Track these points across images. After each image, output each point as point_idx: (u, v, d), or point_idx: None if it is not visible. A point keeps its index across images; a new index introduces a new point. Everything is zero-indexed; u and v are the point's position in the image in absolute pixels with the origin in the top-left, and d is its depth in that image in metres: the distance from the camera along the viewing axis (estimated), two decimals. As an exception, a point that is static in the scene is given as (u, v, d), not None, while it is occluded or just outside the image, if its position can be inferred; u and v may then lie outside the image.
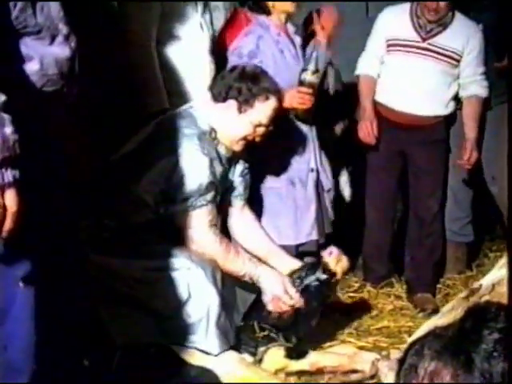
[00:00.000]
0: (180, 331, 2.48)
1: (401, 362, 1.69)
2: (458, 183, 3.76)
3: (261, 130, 2.73)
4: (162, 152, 2.58)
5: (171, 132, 2.61)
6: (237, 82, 2.70)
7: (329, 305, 3.29)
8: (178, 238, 2.62)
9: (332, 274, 2.77)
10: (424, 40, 3.40)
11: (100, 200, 2.65)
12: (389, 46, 3.45)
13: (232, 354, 2.50)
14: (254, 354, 2.58)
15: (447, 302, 3.03)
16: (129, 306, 2.51)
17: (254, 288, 2.70)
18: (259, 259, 2.76)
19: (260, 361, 2.56)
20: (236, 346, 2.57)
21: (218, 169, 2.66)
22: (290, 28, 3.32)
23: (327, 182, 3.31)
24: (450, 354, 1.57)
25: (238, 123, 2.69)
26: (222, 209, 2.77)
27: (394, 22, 3.46)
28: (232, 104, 2.68)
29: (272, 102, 2.72)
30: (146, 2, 2.99)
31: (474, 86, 3.46)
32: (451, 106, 3.52)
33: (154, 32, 2.98)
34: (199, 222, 2.58)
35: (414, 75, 3.41)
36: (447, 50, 3.39)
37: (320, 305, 2.79)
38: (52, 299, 1.45)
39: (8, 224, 1.28)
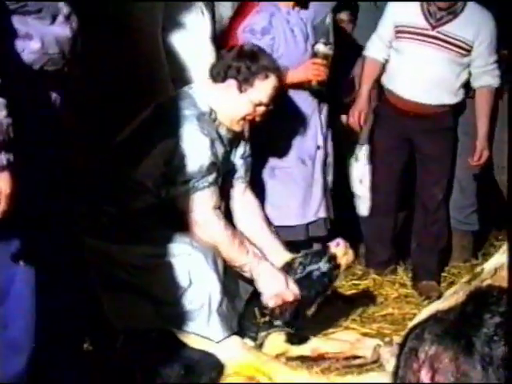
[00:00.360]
0: (181, 317, 2.46)
1: (401, 346, 1.69)
2: (464, 172, 3.72)
3: (261, 109, 2.70)
4: (161, 134, 2.55)
5: (170, 114, 2.59)
6: (235, 61, 2.67)
7: (332, 292, 3.31)
8: (178, 223, 2.59)
9: (336, 266, 2.75)
10: (433, 28, 3.34)
11: (99, 186, 2.63)
12: (397, 32, 3.41)
13: (234, 338, 2.49)
14: (254, 339, 2.58)
15: (452, 290, 3.02)
16: (128, 292, 2.49)
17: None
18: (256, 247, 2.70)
19: (261, 345, 2.55)
20: (237, 331, 2.56)
21: (220, 150, 2.63)
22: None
23: (330, 158, 3.34)
24: (450, 338, 1.58)
25: (238, 103, 2.67)
26: (224, 193, 2.73)
27: (403, 8, 3.41)
28: (232, 83, 2.65)
29: (272, 81, 2.68)
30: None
31: (486, 76, 3.41)
32: (459, 95, 3.47)
33: (160, 19, 2.98)
34: (202, 204, 2.54)
35: (421, 63, 3.37)
36: (457, 40, 3.32)
37: (319, 294, 2.76)
38: (50, 281, 1.45)
39: (2, 206, 1.29)
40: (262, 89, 2.67)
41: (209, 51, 3.02)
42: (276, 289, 2.59)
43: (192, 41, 3.01)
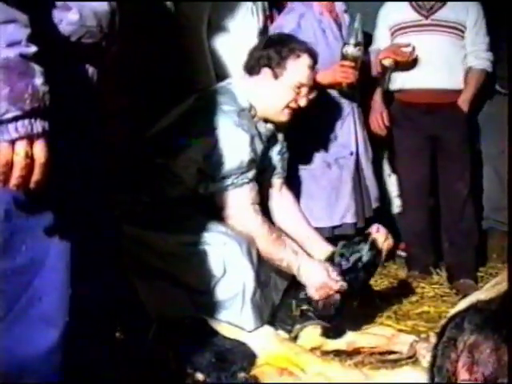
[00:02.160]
0: (214, 306, 2.45)
1: (439, 335, 1.65)
2: (507, 171, 3.65)
3: (303, 92, 2.68)
4: (200, 129, 2.53)
5: (210, 109, 2.57)
6: (265, 50, 2.66)
7: (368, 289, 3.27)
8: (213, 211, 2.59)
9: (379, 251, 2.70)
10: (427, 17, 3.46)
11: (136, 175, 2.62)
12: (394, 32, 3.51)
13: (267, 328, 2.47)
14: (289, 332, 2.55)
15: (491, 290, 2.96)
16: (163, 279, 2.49)
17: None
18: (296, 242, 2.69)
19: (295, 338, 2.52)
20: (272, 323, 2.54)
21: (259, 146, 2.62)
22: (339, 6, 3.28)
23: (367, 163, 3.29)
24: (491, 328, 1.53)
25: (277, 90, 2.65)
26: (261, 189, 2.71)
27: (393, 11, 3.54)
28: (266, 72, 2.65)
29: (304, 59, 2.66)
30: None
31: (472, 57, 3.49)
32: None
33: (206, 16, 2.99)
34: (241, 200, 2.54)
35: (424, 51, 3.43)
36: (451, 22, 3.44)
37: (365, 283, 2.73)
38: (83, 267, 1.44)
39: (36, 175, 1.27)
40: (296, 69, 2.65)
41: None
42: (319, 280, 2.54)
43: (238, 39, 3.01)
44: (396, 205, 3.98)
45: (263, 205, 2.77)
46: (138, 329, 2.49)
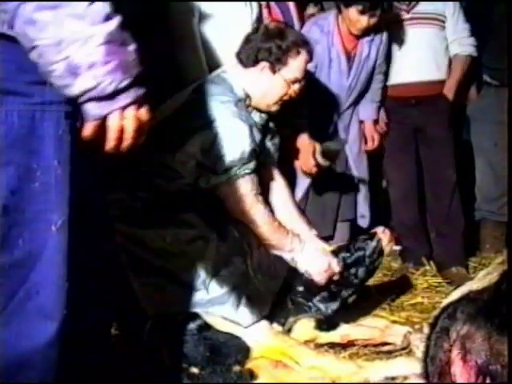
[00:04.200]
0: (211, 302, 2.45)
1: (432, 326, 1.66)
2: (500, 162, 3.68)
3: (296, 86, 2.68)
4: (199, 122, 2.50)
5: (207, 101, 2.54)
6: (264, 43, 2.63)
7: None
8: (210, 207, 2.58)
9: (381, 252, 2.73)
10: (408, 12, 3.53)
11: (132, 171, 2.59)
12: None
13: (261, 322, 2.47)
14: (282, 324, 2.56)
15: (483, 280, 2.97)
16: (160, 277, 2.48)
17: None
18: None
19: (289, 331, 2.54)
20: (265, 316, 2.53)
21: (257, 136, 2.61)
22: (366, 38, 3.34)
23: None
24: (483, 317, 1.54)
25: (274, 84, 2.64)
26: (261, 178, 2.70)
27: None
28: (264, 66, 2.62)
29: (303, 56, 2.66)
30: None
31: (456, 44, 3.55)
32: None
33: (197, 8, 2.98)
34: (244, 191, 2.52)
35: (408, 45, 3.50)
36: (431, 14, 3.51)
37: (363, 281, 2.75)
38: (81, 249, 1.45)
39: (141, 135, 1.39)
40: (296, 66, 2.64)
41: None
42: (323, 264, 2.59)
43: (231, 31, 2.99)
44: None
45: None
46: (133, 325, 2.49)
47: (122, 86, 1.31)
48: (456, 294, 1.69)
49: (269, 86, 2.64)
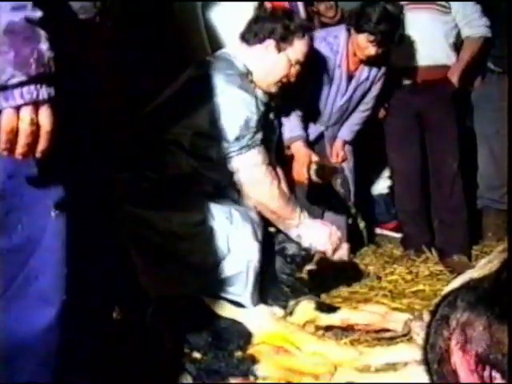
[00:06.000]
0: (218, 285, 2.47)
1: (433, 313, 1.66)
2: (503, 151, 3.65)
3: (296, 68, 2.72)
4: (205, 95, 2.53)
5: (213, 74, 2.58)
6: (271, 22, 2.67)
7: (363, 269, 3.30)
8: (218, 191, 2.60)
9: (309, 255, 2.75)
10: None
11: (140, 151, 2.61)
12: None
13: (262, 307, 2.49)
14: (284, 307, 2.58)
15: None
16: (167, 258, 2.50)
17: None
18: None
19: (291, 313, 2.55)
20: (266, 300, 2.58)
21: (261, 109, 2.63)
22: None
23: None
24: (483, 306, 1.54)
25: (277, 62, 2.68)
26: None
27: None
28: (270, 43, 2.66)
29: (307, 39, 2.71)
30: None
31: (467, 27, 3.49)
32: (453, 56, 3.54)
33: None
34: (257, 162, 2.57)
35: (405, 29, 3.40)
36: None
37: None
38: (81, 234, 1.45)
39: (42, 143, 1.25)
40: (300, 47, 2.69)
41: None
42: (325, 233, 2.72)
43: (234, 14, 3.00)
44: (382, 186, 4.03)
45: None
46: (135, 310, 2.50)
47: (12, 81, 1.21)
48: (457, 282, 1.70)
49: (272, 64, 2.68)
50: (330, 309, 2.57)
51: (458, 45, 3.56)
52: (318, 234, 2.71)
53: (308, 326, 2.49)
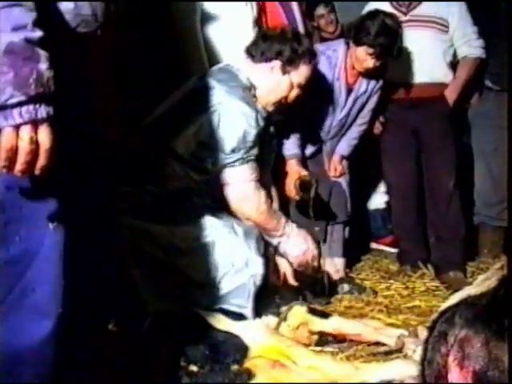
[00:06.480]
0: (219, 299, 2.47)
1: (430, 329, 1.65)
2: (500, 167, 3.67)
3: (296, 92, 2.74)
4: (206, 105, 2.54)
5: (215, 85, 2.59)
6: (281, 43, 2.69)
7: (360, 283, 3.29)
8: (220, 206, 2.61)
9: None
10: (406, 14, 3.53)
11: (141, 165, 2.61)
12: None
13: (259, 321, 2.48)
14: (277, 314, 2.57)
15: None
16: (168, 273, 2.49)
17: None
18: None
19: (285, 319, 2.54)
20: (259, 310, 2.56)
21: (261, 124, 2.63)
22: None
23: None
24: (481, 323, 1.54)
25: (280, 84, 2.70)
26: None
27: None
28: (276, 64, 2.68)
29: (312, 65, 2.74)
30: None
31: (464, 47, 3.52)
32: (450, 74, 3.56)
33: (199, 6, 2.99)
34: (248, 177, 2.59)
35: (404, 47, 3.44)
36: (430, 17, 3.50)
37: None
38: (79, 246, 1.44)
39: (41, 161, 1.26)
40: (304, 72, 2.72)
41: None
42: (301, 248, 2.79)
43: (232, 29, 3.01)
44: (379, 201, 4.04)
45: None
46: (132, 322, 2.49)
47: (12, 101, 1.23)
48: (454, 299, 1.68)
49: (275, 84, 2.69)
50: (322, 314, 2.59)
51: (454, 63, 3.58)
52: (295, 246, 2.78)
53: (302, 327, 2.50)
